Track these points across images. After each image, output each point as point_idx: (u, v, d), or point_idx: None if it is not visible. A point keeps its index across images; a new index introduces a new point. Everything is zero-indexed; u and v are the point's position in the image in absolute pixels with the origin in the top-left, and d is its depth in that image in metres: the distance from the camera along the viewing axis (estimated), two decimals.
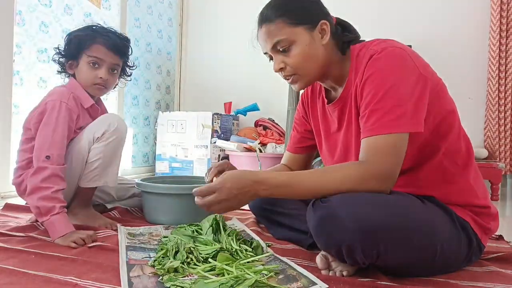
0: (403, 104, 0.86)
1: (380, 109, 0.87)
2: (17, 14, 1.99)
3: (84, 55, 1.33)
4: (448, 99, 0.98)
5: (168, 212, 1.38)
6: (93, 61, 1.33)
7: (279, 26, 0.98)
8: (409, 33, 2.81)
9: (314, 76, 1.03)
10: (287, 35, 0.97)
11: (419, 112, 0.87)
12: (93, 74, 1.34)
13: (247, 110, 3.27)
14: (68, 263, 0.94)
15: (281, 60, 1.00)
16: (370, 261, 0.84)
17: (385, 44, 0.93)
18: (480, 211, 0.96)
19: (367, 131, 0.88)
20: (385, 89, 0.87)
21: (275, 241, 1.21)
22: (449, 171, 0.95)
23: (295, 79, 1.03)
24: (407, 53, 0.91)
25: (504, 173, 2.66)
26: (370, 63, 0.91)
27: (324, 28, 0.99)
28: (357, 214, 0.79)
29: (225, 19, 3.52)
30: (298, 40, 0.98)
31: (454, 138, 0.96)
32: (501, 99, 2.76)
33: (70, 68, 1.38)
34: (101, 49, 1.34)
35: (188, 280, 0.82)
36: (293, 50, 0.98)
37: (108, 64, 1.35)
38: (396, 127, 0.85)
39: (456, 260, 0.94)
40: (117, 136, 1.33)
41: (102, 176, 1.34)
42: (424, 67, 0.92)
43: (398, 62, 0.89)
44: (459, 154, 0.97)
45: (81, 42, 1.33)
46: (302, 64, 0.99)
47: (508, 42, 2.75)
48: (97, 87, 1.36)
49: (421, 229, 0.83)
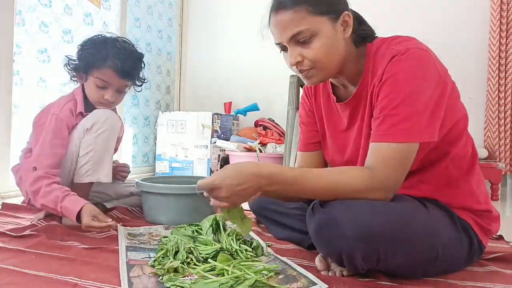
0: (420, 113, 0.82)
1: (396, 115, 0.83)
2: (17, 14, 1.99)
3: (91, 74, 1.35)
4: (460, 105, 0.95)
5: (168, 212, 1.38)
6: (100, 84, 1.35)
7: (301, 14, 0.88)
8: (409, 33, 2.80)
9: (332, 72, 0.95)
10: (309, 26, 0.88)
11: (435, 121, 0.85)
12: (99, 94, 1.36)
13: (247, 110, 3.27)
14: (68, 263, 0.94)
15: (298, 53, 0.91)
16: (370, 267, 0.83)
17: (409, 43, 0.87)
18: (482, 214, 0.96)
19: (379, 136, 0.85)
20: (404, 94, 0.83)
21: (275, 241, 1.21)
22: (453, 175, 0.94)
23: (311, 74, 0.94)
24: (431, 55, 0.86)
25: (504, 173, 2.65)
26: (392, 64, 0.85)
27: (347, 20, 0.92)
28: (357, 220, 0.77)
29: (225, 19, 3.52)
30: (321, 32, 0.89)
31: (463, 144, 0.95)
32: (501, 99, 2.76)
33: (79, 79, 1.41)
34: (110, 74, 1.34)
35: (188, 280, 0.82)
36: (315, 42, 0.89)
37: (116, 87, 1.38)
38: (410, 136, 0.82)
39: (457, 262, 0.94)
40: (108, 128, 1.32)
41: (96, 171, 1.33)
42: (443, 71, 0.89)
43: (421, 67, 0.84)
44: (465, 159, 0.95)
45: (91, 61, 1.34)
46: (323, 58, 0.91)
47: (508, 42, 2.75)
48: (102, 105, 1.39)
49: (422, 233, 0.82)
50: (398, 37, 0.93)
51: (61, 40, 2.28)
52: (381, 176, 0.83)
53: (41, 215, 1.34)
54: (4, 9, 1.89)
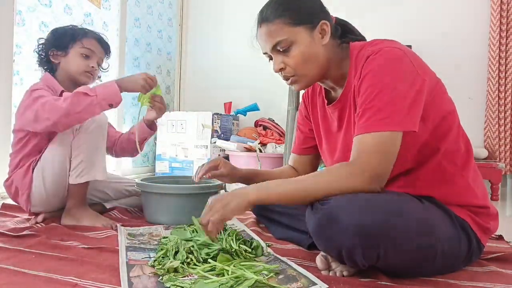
0: (397, 103, 0.85)
1: (372, 107, 0.87)
2: (17, 14, 1.99)
3: (76, 45, 1.41)
4: (447, 100, 0.97)
5: (168, 212, 1.38)
6: (86, 52, 1.42)
7: (279, 26, 0.97)
8: (409, 33, 2.81)
9: (314, 77, 1.02)
10: (287, 35, 0.96)
11: (414, 112, 0.87)
12: (84, 63, 1.42)
13: (247, 110, 3.27)
14: (68, 263, 0.94)
15: (281, 61, 1.00)
16: (370, 263, 0.83)
17: (383, 44, 0.93)
18: (479, 211, 0.96)
19: (358, 129, 0.89)
20: (379, 87, 0.87)
21: (275, 241, 1.21)
22: (448, 171, 0.95)
23: (294, 80, 1.02)
24: (405, 53, 0.90)
25: (504, 173, 2.65)
26: (366, 63, 0.91)
27: (325, 28, 0.99)
28: (357, 216, 0.78)
29: (225, 19, 3.52)
30: (298, 41, 0.97)
31: (453, 139, 0.96)
32: (501, 99, 2.76)
33: (55, 58, 1.43)
34: (94, 43, 1.45)
35: (188, 280, 0.82)
36: (293, 51, 0.98)
37: (97, 57, 1.45)
38: (387, 125, 0.85)
39: (456, 260, 0.94)
40: (97, 125, 1.31)
41: (90, 169, 1.31)
42: (422, 67, 0.92)
43: (394, 62, 0.88)
44: (458, 154, 0.96)
45: (75, 34, 1.41)
46: (302, 65, 0.98)
47: (508, 42, 2.75)
48: (87, 74, 1.43)
49: (421, 230, 0.83)
50: (376, 40, 0.98)
51: None
52: (360, 163, 0.85)
53: (40, 218, 1.33)
54: (4, 9, 1.89)
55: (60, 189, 1.32)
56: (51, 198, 1.33)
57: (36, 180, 1.30)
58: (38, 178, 1.30)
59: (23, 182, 1.31)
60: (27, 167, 1.32)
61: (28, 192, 1.31)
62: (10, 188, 1.36)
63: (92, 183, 1.39)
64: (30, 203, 1.33)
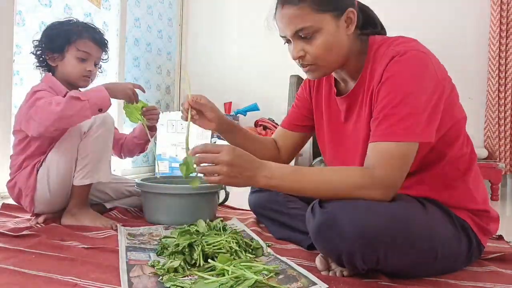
0: (419, 113, 0.82)
1: (395, 115, 0.83)
2: (17, 14, 1.99)
3: (71, 49, 1.37)
4: (459, 107, 0.96)
5: (168, 212, 1.38)
6: (82, 56, 1.38)
7: (305, 11, 0.89)
8: (409, 33, 2.80)
9: (333, 67, 0.97)
10: (313, 22, 0.90)
11: (433, 122, 0.85)
12: (81, 67, 1.39)
13: (247, 110, 3.27)
14: (68, 263, 0.94)
15: (301, 48, 0.93)
16: (370, 267, 0.83)
17: (409, 45, 0.88)
18: (479, 213, 0.96)
19: (378, 136, 0.85)
20: (402, 95, 0.83)
21: (275, 241, 1.20)
22: (450, 176, 0.94)
23: (313, 69, 0.96)
24: (430, 58, 0.87)
25: (504, 173, 2.66)
26: (391, 65, 0.86)
27: (351, 16, 0.93)
28: (357, 220, 0.78)
29: (225, 19, 3.52)
30: (323, 29, 0.90)
31: (460, 145, 0.95)
32: (501, 99, 2.77)
33: (52, 61, 1.40)
34: (90, 44, 1.40)
35: (188, 280, 0.82)
36: (317, 39, 0.91)
37: (94, 58, 1.42)
38: (408, 136, 0.83)
39: (456, 261, 0.94)
40: (105, 129, 1.32)
41: (95, 172, 1.32)
42: (443, 74, 0.89)
43: (420, 68, 0.85)
44: (462, 159, 0.96)
45: (69, 36, 1.37)
46: (324, 55, 0.93)
47: (508, 42, 2.75)
48: (85, 78, 1.41)
49: (421, 233, 0.83)
50: (399, 38, 0.94)
51: None
52: (380, 175, 0.83)
53: (41, 219, 1.33)
54: (4, 9, 1.89)
55: (64, 191, 1.33)
56: (55, 199, 1.33)
57: (41, 182, 1.30)
58: (42, 179, 1.30)
59: (27, 184, 1.31)
60: (31, 168, 1.31)
61: (32, 194, 1.30)
62: (13, 190, 1.35)
63: (93, 184, 1.39)
64: (34, 204, 1.32)
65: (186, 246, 0.95)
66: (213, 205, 1.48)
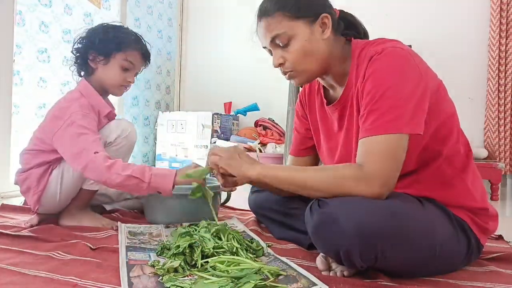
0: (402, 105, 0.83)
1: (378, 109, 0.85)
2: (17, 14, 2.00)
3: (119, 56, 1.33)
4: (448, 102, 0.96)
5: (170, 214, 1.38)
6: (127, 66, 1.34)
7: (278, 19, 0.94)
8: (409, 33, 2.81)
9: (314, 72, 1.00)
10: (286, 29, 0.94)
11: (419, 114, 0.85)
12: (122, 77, 1.35)
13: (247, 110, 3.27)
14: (68, 263, 0.94)
15: (280, 55, 0.97)
16: (369, 265, 0.83)
17: (386, 44, 0.91)
18: (478, 212, 0.96)
19: (364, 132, 0.87)
20: (383, 89, 0.85)
21: (275, 241, 1.20)
22: (448, 174, 0.94)
23: (293, 75, 1.00)
24: (409, 53, 0.88)
25: (504, 173, 2.65)
26: (370, 64, 0.89)
27: (325, 21, 0.96)
28: (356, 218, 0.78)
29: (225, 19, 3.52)
30: (297, 35, 0.94)
31: (454, 142, 0.95)
32: (501, 99, 2.76)
33: (94, 63, 1.34)
34: (137, 56, 1.37)
35: (188, 280, 0.82)
36: (292, 45, 0.95)
37: (137, 70, 1.40)
38: (394, 128, 0.83)
39: (455, 260, 0.94)
40: (128, 142, 1.35)
41: None
42: (425, 69, 0.90)
43: (398, 63, 0.86)
44: (458, 157, 0.96)
45: (121, 43, 1.33)
46: (301, 60, 0.96)
47: (508, 42, 2.75)
48: (122, 88, 1.38)
49: (420, 231, 0.83)
50: (379, 39, 0.96)
51: (61, 40, 2.29)
52: (370, 169, 0.83)
53: (35, 221, 1.32)
54: (4, 9, 1.89)
55: (72, 195, 1.33)
56: (62, 202, 1.32)
57: (53, 184, 1.29)
58: (55, 182, 1.29)
59: (38, 183, 1.30)
60: (46, 170, 1.30)
61: (40, 194, 1.30)
62: (23, 183, 1.32)
63: None
64: (40, 204, 1.32)
65: (186, 247, 0.95)
66: (215, 206, 1.48)
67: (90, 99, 1.31)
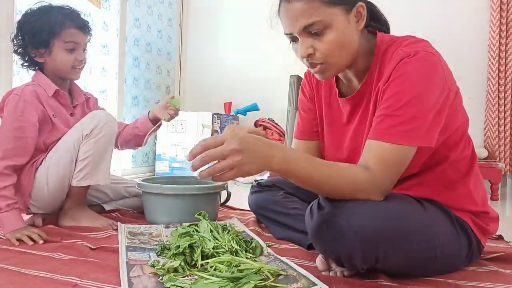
0: (422, 117, 0.81)
1: (398, 116, 0.81)
2: (17, 14, 1.99)
3: (58, 41, 1.31)
4: (463, 110, 0.95)
5: (170, 213, 1.38)
6: (70, 47, 1.32)
7: (314, 4, 0.84)
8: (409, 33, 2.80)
9: (343, 66, 0.92)
10: (323, 17, 0.84)
11: (435, 127, 0.84)
12: (71, 58, 1.33)
13: (247, 110, 3.27)
14: (68, 263, 0.94)
15: (310, 45, 0.87)
16: (369, 266, 0.83)
17: (419, 46, 0.86)
18: (479, 215, 0.96)
19: (378, 134, 0.84)
20: (409, 96, 0.81)
21: (275, 241, 1.20)
22: (451, 178, 0.94)
23: (323, 68, 0.90)
24: (440, 61, 0.85)
25: (504, 173, 2.65)
26: (400, 65, 0.84)
27: (361, 11, 0.88)
28: (356, 220, 0.77)
29: (225, 19, 3.52)
30: (334, 24, 0.85)
31: (462, 148, 0.94)
32: (501, 99, 2.77)
33: (39, 57, 1.33)
34: (76, 32, 1.34)
35: (188, 280, 0.82)
36: (328, 35, 0.86)
37: (82, 45, 1.37)
38: (408, 139, 0.81)
39: (456, 261, 0.94)
40: (107, 132, 1.30)
41: (94, 174, 1.31)
42: (450, 77, 0.87)
43: (428, 71, 0.82)
44: (464, 161, 0.95)
45: (52, 28, 1.30)
46: (335, 52, 0.87)
47: (508, 42, 2.75)
48: (76, 70, 1.36)
49: (421, 233, 0.83)
50: (409, 38, 0.91)
51: None
52: (378, 177, 0.81)
53: (40, 222, 1.32)
54: (4, 9, 1.89)
55: (62, 191, 1.32)
56: (52, 199, 1.32)
57: (39, 180, 1.29)
58: (41, 178, 1.29)
59: (24, 182, 1.31)
60: (30, 166, 1.31)
61: (29, 191, 1.30)
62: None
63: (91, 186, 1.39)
64: (30, 202, 1.32)
65: (186, 247, 0.95)
66: (215, 206, 1.48)
67: (38, 83, 1.32)
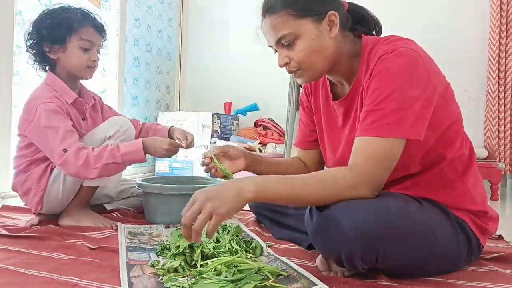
0: (405, 109, 0.82)
1: (380, 110, 0.83)
2: (17, 14, 1.99)
3: (74, 38, 1.31)
4: (454, 106, 0.95)
5: (170, 213, 1.38)
6: (85, 45, 1.32)
7: (284, 18, 0.90)
8: (409, 32, 2.80)
9: (321, 71, 0.97)
10: (292, 29, 0.90)
11: (422, 119, 0.84)
12: (85, 57, 1.33)
13: (247, 110, 3.27)
14: (68, 263, 0.94)
15: (285, 55, 0.94)
16: (369, 266, 0.83)
17: (398, 43, 0.88)
18: (478, 214, 0.96)
19: (362, 130, 0.85)
20: (389, 90, 0.83)
21: (275, 241, 1.21)
22: (449, 177, 0.94)
23: (299, 74, 0.96)
24: (420, 54, 0.86)
25: (504, 173, 2.65)
26: (379, 62, 0.86)
27: (333, 19, 0.92)
28: (356, 221, 0.77)
29: (225, 19, 3.52)
30: (303, 34, 0.91)
31: (458, 146, 0.94)
32: (501, 99, 2.76)
33: (53, 54, 1.32)
34: (92, 32, 1.34)
35: (188, 280, 0.82)
36: (298, 45, 0.91)
37: (97, 46, 1.37)
38: (392, 131, 0.82)
39: (455, 260, 0.94)
40: (127, 137, 1.33)
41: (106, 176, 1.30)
42: (435, 72, 0.88)
43: (408, 64, 0.84)
44: (461, 160, 0.95)
45: (70, 24, 1.30)
46: (307, 60, 0.93)
47: (508, 42, 2.75)
48: (89, 69, 1.36)
49: (421, 232, 0.83)
50: (391, 37, 0.93)
51: None
52: (362, 171, 0.82)
53: (36, 221, 1.32)
54: (4, 9, 1.89)
55: (74, 191, 1.32)
56: (65, 200, 1.32)
57: (56, 181, 1.29)
58: (57, 179, 1.29)
59: (39, 183, 1.29)
60: (45, 168, 1.30)
61: (42, 193, 1.29)
62: (23, 186, 1.32)
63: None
64: (42, 204, 1.31)
65: (186, 247, 0.95)
66: None
67: (55, 89, 1.31)
